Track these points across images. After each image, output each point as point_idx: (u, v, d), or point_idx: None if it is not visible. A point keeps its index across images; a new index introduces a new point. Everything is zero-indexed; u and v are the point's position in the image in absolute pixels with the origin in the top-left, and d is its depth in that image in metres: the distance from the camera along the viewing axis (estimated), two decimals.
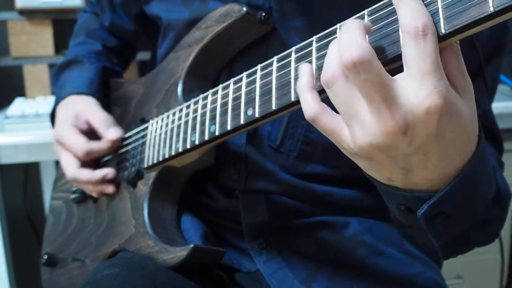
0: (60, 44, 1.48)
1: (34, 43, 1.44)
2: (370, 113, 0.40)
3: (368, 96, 0.39)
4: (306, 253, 0.71)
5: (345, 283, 0.68)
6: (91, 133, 0.80)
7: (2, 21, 1.44)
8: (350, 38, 0.39)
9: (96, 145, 0.78)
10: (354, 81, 0.39)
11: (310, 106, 0.44)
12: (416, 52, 0.38)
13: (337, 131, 0.43)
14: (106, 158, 0.83)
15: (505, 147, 0.76)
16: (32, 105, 1.29)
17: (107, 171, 0.78)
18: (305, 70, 0.46)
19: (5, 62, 1.45)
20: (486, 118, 0.72)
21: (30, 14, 1.42)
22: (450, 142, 0.41)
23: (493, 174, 0.54)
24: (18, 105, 1.30)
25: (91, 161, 0.82)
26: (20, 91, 1.48)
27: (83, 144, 0.77)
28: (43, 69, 1.44)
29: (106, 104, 0.88)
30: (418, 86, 0.38)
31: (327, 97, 0.43)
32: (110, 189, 0.79)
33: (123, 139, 0.80)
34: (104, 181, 0.78)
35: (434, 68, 0.38)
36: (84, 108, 0.82)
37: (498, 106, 1.26)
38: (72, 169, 0.79)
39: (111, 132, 0.78)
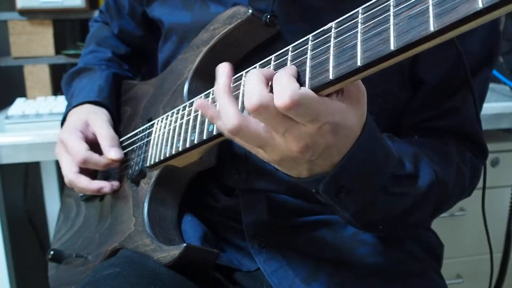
0: (60, 44, 1.48)
1: (35, 43, 1.43)
2: (279, 138, 0.49)
3: (274, 128, 0.48)
4: (306, 252, 0.72)
5: (345, 282, 0.68)
6: (95, 145, 0.80)
7: (3, 21, 1.43)
8: (251, 88, 0.48)
9: (95, 157, 0.78)
10: (259, 119, 0.48)
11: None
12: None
13: (253, 150, 0.53)
14: None
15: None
16: (33, 105, 1.29)
17: (104, 185, 0.79)
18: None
19: (5, 62, 1.45)
20: (467, 126, 0.74)
21: (30, 14, 1.41)
22: (344, 138, 0.51)
23: (391, 152, 0.60)
24: (19, 105, 1.30)
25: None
26: (20, 91, 1.48)
27: (83, 151, 0.78)
28: (44, 69, 1.44)
29: (118, 108, 0.89)
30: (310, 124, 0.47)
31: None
32: (108, 192, 0.80)
33: (122, 161, 0.80)
34: (100, 191, 0.79)
35: (316, 116, 0.46)
36: (94, 118, 0.82)
37: (498, 106, 1.26)
38: (70, 173, 0.79)
39: (113, 152, 0.78)
